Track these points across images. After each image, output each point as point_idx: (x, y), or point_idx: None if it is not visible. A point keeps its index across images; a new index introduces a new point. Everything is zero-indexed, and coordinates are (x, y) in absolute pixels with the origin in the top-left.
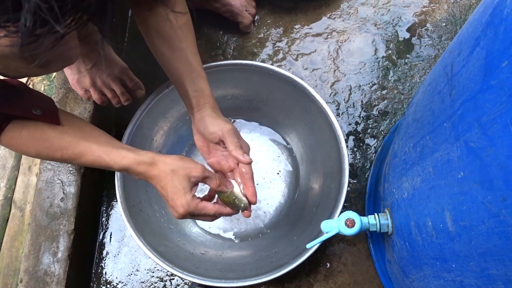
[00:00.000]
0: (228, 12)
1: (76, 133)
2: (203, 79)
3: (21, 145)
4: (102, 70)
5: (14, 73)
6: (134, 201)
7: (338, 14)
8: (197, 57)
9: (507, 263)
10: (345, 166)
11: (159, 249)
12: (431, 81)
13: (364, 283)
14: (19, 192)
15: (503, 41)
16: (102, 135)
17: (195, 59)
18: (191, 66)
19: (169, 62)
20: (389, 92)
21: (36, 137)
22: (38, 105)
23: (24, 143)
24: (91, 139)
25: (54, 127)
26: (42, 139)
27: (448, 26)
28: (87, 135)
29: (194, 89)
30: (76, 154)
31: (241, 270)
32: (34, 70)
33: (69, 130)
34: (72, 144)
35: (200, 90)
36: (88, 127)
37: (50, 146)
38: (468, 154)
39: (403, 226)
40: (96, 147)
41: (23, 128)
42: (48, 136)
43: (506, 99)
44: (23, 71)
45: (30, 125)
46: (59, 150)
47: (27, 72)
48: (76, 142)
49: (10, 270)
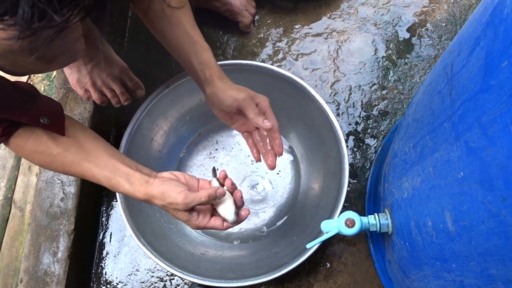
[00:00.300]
0: (228, 12)
1: (79, 152)
2: (206, 51)
3: (26, 155)
4: (102, 70)
5: (22, 70)
6: (134, 201)
7: (338, 14)
8: (197, 31)
9: (507, 263)
10: (345, 166)
11: (159, 249)
12: (431, 81)
13: (364, 283)
14: (19, 192)
15: (503, 41)
16: (103, 153)
17: (195, 33)
18: (191, 39)
19: (170, 39)
20: (389, 92)
21: (40, 151)
22: (46, 112)
23: (29, 154)
24: (92, 160)
25: (58, 142)
26: (46, 154)
27: (448, 26)
28: (89, 155)
29: (198, 62)
30: (78, 173)
31: (241, 270)
32: (40, 65)
33: (72, 147)
34: (74, 164)
35: (205, 62)
36: (92, 143)
37: (53, 161)
38: (468, 154)
39: (403, 226)
40: (97, 171)
41: (29, 139)
42: (51, 152)
43: (506, 99)
44: (29, 67)
45: (35, 137)
46: (61, 167)
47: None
48: (78, 163)
49: (10, 270)
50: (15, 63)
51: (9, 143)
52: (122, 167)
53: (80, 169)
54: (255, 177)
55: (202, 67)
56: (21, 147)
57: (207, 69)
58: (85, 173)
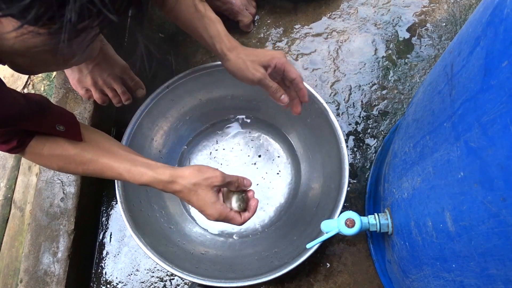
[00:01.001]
0: (228, 11)
1: (96, 150)
2: (213, 23)
3: (43, 161)
4: (103, 69)
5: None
6: (134, 201)
7: (338, 14)
8: (204, 4)
9: (507, 263)
10: (345, 166)
11: (159, 249)
12: (431, 81)
13: (364, 283)
14: (19, 192)
15: (503, 41)
16: (120, 150)
17: (203, 6)
18: (199, 13)
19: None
20: (389, 92)
21: (57, 154)
22: (60, 121)
23: (47, 159)
24: (110, 156)
25: (75, 144)
26: (63, 156)
27: (448, 26)
28: (106, 152)
29: (209, 36)
30: (97, 171)
31: (241, 270)
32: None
33: (89, 147)
34: (92, 162)
35: (214, 36)
36: (107, 142)
37: (72, 162)
38: (468, 154)
39: (403, 226)
40: (116, 165)
41: (45, 145)
42: (68, 153)
43: (506, 99)
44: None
45: (51, 142)
46: (80, 166)
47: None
48: (96, 160)
49: (10, 270)
50: (35, 61)
51: (25, 153)
52: (140, 158)
53: (100, 166)
54: (255, 177)
55: (213, 41)
56: (38, 155)
57: (217, 42)
58: (104, 169)
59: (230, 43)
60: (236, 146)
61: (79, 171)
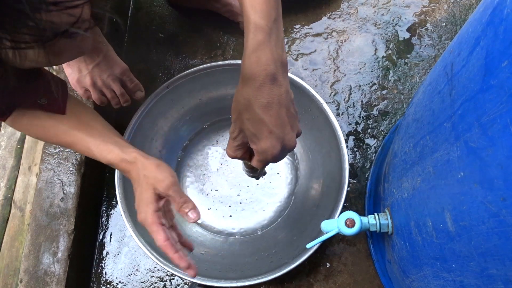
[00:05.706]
0: (228, 12)
1: (73, 122)
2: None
3: (22, 129)
4: (102, 70)
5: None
6: (134, 201)
7: (338, 14)
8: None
9: (507, 263)
10: (345, 166)
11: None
12: (431, 81)
13: (364, 283)
14: (19, 192)
15: (503, 41)
16: (98, 125)
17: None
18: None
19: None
20: (389, 92)
21: (35, 124)
22: (46, 92)
23: (25, 127)
24: (85, 130)
25: (52, 115)
26: (40, 125)
27: (448, 26)
28: (83, 125)
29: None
30: (69, 143)
31: (241, 270)
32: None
33: (66, 119)
34: (66, 133)
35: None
36: (88, 117)
37: (47, 132)
38: (468, 154)
39: (403, 226)
40: (88, 139)
41: (24, 115)
42: (44, 124)
43: (506, 99)
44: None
45: (30, 113)
46: (55, 137)
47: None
48: (69, 132)
49: (10, 270)
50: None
51: (7, 120)
52: (114, 137)
53: (72, 138)
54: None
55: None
56: (17, 122)
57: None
58: (76, 141)
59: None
60: None
61: (54, 141)
